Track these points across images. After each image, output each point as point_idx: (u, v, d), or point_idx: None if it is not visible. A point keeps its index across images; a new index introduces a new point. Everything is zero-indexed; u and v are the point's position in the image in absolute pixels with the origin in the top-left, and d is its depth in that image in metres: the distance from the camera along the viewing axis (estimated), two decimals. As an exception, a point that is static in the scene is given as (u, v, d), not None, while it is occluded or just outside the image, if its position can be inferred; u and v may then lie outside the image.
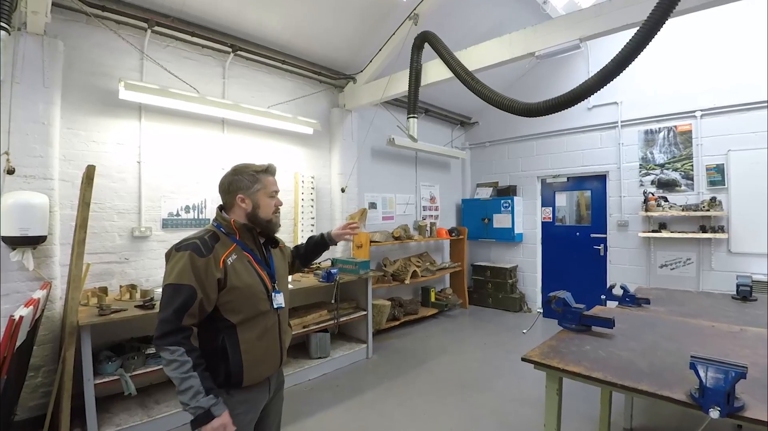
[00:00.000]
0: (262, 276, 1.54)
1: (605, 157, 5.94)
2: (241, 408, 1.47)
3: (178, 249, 1.43)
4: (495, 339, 5.14)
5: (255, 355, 1.47)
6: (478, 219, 6.93)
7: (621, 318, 2.51)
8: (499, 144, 7.06)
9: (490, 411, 3.33)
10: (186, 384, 1.31)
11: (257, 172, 1.58)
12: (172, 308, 1.34)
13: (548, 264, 6.66)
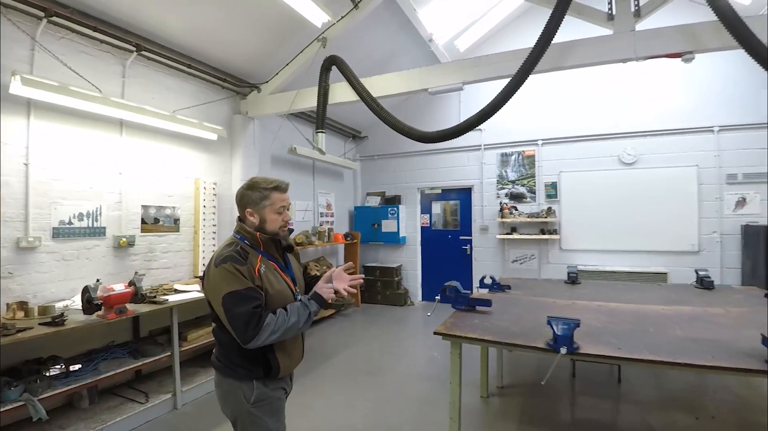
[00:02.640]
0: (287, 282, 1.72)
1: (471, 173, 7.17)
2: (276, 393, 1.71)
3: (217, 264, 1.56)
4: (388, 330, 5.83)
5: (286, 351, 1.71)
6: (368, 224, 7.60)
7: (494, 300, 3.32)
8: (386, 158, 7.87)
9: (396, 390, 3.91)
10: (295, 317, 1.57)
11: (267, 188, 1.68)
12: (250, 307, 1.50)
13: (426, 262, 7.68)
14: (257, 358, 1.63)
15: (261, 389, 1.65)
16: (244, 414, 1.65)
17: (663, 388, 3.84)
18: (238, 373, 1.64)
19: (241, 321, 1.49)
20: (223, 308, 1.52)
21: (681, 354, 2.08)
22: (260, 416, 1.65)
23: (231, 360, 1.65)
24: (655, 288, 4.13)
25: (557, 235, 6.45)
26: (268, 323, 1.52)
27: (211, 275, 1.59)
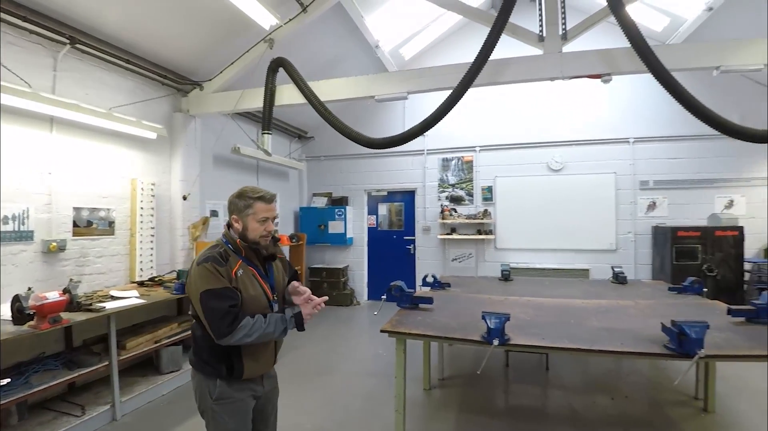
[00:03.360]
0: (264, 289, 1.79)
1: (415, 177, 7.45)
2: (242, 394, 1.75)
3: (199, 263, 1.67)
4: (334, 331, 5.92)
5: (253, 355, 1.75)
6: (314, 225, 7.62)
7: (435, 297, 3.53)
8: (333, 159, 7.93)
9: (343, 388, 4.02)
10: (271, 328, 1.66)
11: (252, 198, 1.76)
12: (225, 305, 1.58)
13: (373, 262, 7.85)
14: (222, 358, 1.70)
15: (224, 388, 1.72)
16: (208, 409, 1.74)
17: (585, 373, 4.29)
18: (206, 370, 1.73)
19: (217, 317, 1.58)
20: (201, 304, 1.61)
21: (597, 343, 2.39)
22: (221, 414, 1.72)
23: (201, 357, 1.74)
24: (577, 284, 4.59)
25: (492, 235, 6.90)
26: (244, 325, 1.60)
27: (193, 273, 1.69)
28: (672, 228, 5.89)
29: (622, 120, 6.55)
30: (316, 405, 3.68)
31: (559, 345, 2.36)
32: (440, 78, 4.13)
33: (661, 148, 6.43)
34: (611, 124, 6.61)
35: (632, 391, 3.84)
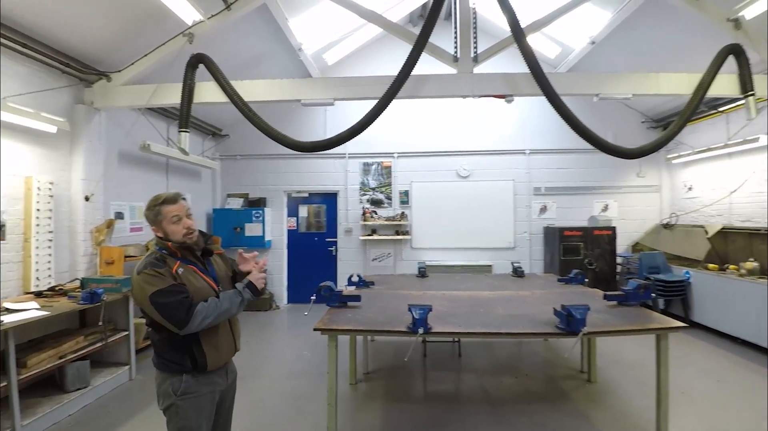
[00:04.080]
0: (208, 282, 1.87)
1: (337, 179, 7.62)
2: (206, 389, 1.81)
3: (139, 272, 1.72)
4: (254, 335, 5.83)
5: (214, 344, 1.81)
6: (230, 228, 7.37)
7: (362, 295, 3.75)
8: (250, 159, 7.74)
9: (270, 390, 4.03)
10: (227, 304, 1.77)
11: (157, 205, 1.82)
12: (177, 298, 1.63)
13: (293, 265, 7.82)
14: (185, 352, 1.75)
15: (189, 382, 1.76)
16: (171, 405, 1.77)
17: (493, 358, 4.82)
18: (171, 368, 1.77)
19: (173, 310, 1.66)
20: (153, 306, 1.65)
21: (503, 327, 2.80)
22: (185, 408, 1.76)
23: (164, 357, 1.78)
24: (483, 278, 5.15)
25: (409, 236, 7.35)
26: (200, 310, 1.68)
27: (135, 282, 1.75)
28: (559, 228, 6.83)
29: (520, 134, 7.43)
30: (242, 410, 3.64)
31: (473, 330, 2.71)
32: (365, 88, 4.36)
33: (551, 159, 7.41)
34: (511, 138, 7.46)
35: (532, 370, 4.44)
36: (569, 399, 3.73)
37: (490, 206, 7.40)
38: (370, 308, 3.41)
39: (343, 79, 4.53)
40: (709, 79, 4.25)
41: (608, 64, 6.58)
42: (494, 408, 3.56)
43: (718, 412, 3.45)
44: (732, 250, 5.90)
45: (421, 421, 3.37)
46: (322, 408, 3.03)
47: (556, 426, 3.22)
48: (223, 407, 2.00)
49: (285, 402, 3.76)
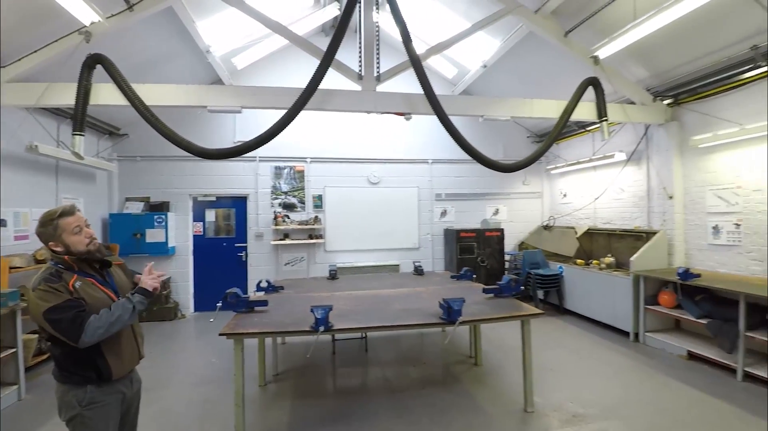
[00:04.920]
0: (108, 294, 1.89)
1: (246, 183, 7.55)
2: (111, 398, 1.82)
3: (34, 289, 1.73)
4: (159, 346, 5.60)
5: (117, 353, 1.83)
6: (129, 234, 6.93)
7: (270, 300, 3.91)
8: (152, 160, 7.34)
9: (178, 398, 3.98)
10: (119, 310, 1.79)
11: (54, 219, 1.82)
12: (70, 314, 1.64)
13: (200, 272, 7.56)
14: (88, 364, 1.78)
15: (94, 393, 1.80)
16: (77, 416, 1.78)
17: (397, 350, 5.23)
18: (73, 380, 1.79)
19: (67, 325, 1.68)
20: (48, 322, 1.67)
21: (396, 320, 3.17)
22: (90, 418, 1.79)
23: (66, 369, 1.79)
24: (388, 277, 5.56)
25: (322, 239, 7.57)
26: (91, 322, 1.71)
27: (31, 299, 1.73)
28: (457, 230, 7.57)
29: (424, 145, 8.06)
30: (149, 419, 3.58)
31: (370, 325, 3.04)
32: (274, 98, 4.51)
33: (450, 168, 8.15)
34: (416, 148, 8.07)
35: (430, 359, 4.92)
36: (458, 381, 4.25)
37: (397, 210, 7.93)
38: (277, 312, 3.58)
39: (251, 88, 4.61)
40: (572, 106, 5.11)
41: (498, 85, 7.45)
42: (394, 395, 3.94)
43: (578, 383, 4.18)
44: (595, 248, 7.03)
45: (328, 414, 3.62)
46: (230, 411, 3.13)
47: (445, 405, 3.69)
48: (128, 416, 2.05)
49: (193, 409, 3.77)
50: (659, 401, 3.76)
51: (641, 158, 6.27)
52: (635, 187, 6.40)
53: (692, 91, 5.33)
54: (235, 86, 4.56)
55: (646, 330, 5.33)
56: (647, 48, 5.08)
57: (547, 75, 6.50)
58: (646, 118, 5.64)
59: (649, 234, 5.77)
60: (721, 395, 3.81)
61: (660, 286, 5.30)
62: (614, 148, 6.60)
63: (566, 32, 5.22)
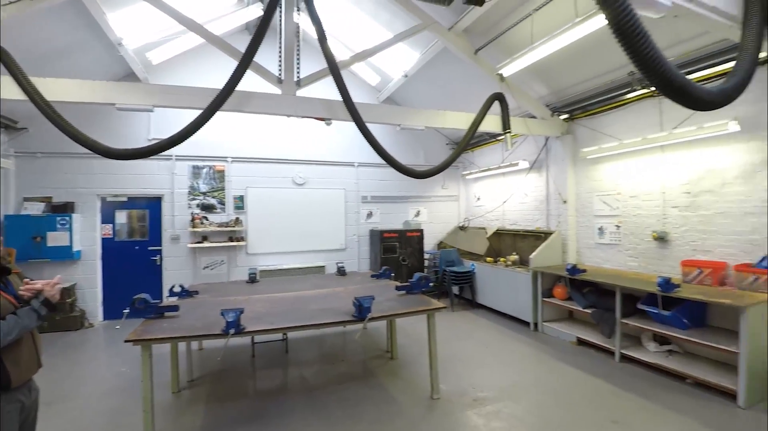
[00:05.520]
0: (10, 300, 1.88)
1: (162, 182, 7.21)
2: (10, 406, 1.79)
3: None
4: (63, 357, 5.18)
5: (16, 360, 1.79)
6: (27, 237, 6.31)
7: (183, 305, 3.85)
8: (55, 157, 6.74)
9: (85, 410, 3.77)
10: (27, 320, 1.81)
11: None
12: None
13: (109, 277, 7.06)
14: None
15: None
16: None
17: (317, 350, 5.34)
18: None
19: None
20: None
21: (309, 320, 3.30)
22: None
23: None
24: (311, 279, 5.67)
25: (244, 242, 7.45)
26: (1, 326, 1.72)
27: None
28: (381, 231, 7.87)
29: (350, 148, 8.23)
30: None
31: (282, 326, 3.15)
32: (189, 98, 4.41)
33: (376, 171, 8.42)
34: (342, 151, 8.22)
35: (349, 356, 5.11)
36: (374, 375, 4.48)
37: (324, 212, 8.03)
38: (189, 316, 3.55)
39: (164, 86, 4.45)
40: (480, 119, 5.57)
41: (418, 94, 7.86)
42: (311, 393, 4.06)
43: (482, 370, 4.60)
44: (503, 246, 7.68)
45: (243, 415, 3.65)
46: (140, 419, 3.06)
47: (358, 399, 3.89)
48: (26, 425, 2.02)
49: (101, 419, 3.60)
50: (549, 382, 4.27)
51: (542, 166, 6.98)
52: (537, 192, 7.11)
53: (584, 108, 6.06)
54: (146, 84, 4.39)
55: (544, 320, 5.97)
56: (547, 68, 5.70)
57: (461, 88, 6.99)
58: (545, 131, 6.31)
59: (547, 235, 6.45)
60: (601, 375, 4.42)
61: (554, 281, 5.97)
62: (519, 156, 7.28)
63: (476, 50, 5.68)
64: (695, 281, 4.50)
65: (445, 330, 6.11)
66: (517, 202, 7.62)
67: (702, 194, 4.67)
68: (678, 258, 4.82)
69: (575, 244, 6.33)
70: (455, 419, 3.52)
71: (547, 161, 6.86)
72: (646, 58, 1.83)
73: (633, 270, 5.42)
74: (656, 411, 3.60)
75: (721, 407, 3.62)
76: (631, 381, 4.24)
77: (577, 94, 6.00)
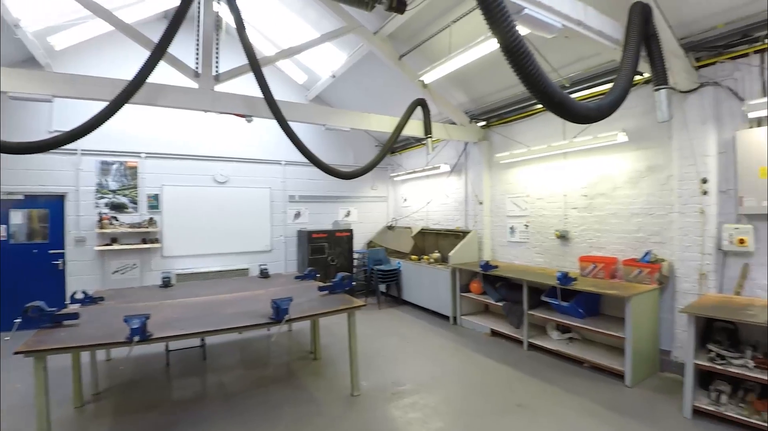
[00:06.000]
0: None
1: (64, 179, 6.55)
2: None
3: None
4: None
5: None
6: None
7: (84, 312, 3.57)
8: (-76, 149, 5.86)
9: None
10: None
11: None
12: None
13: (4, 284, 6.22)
14: None
15: None
16: None
17: (238, 356, 5.19)
18: None
19: None
20: None
21: (221, 324, 3.22)
22: None
23: None
24: (231, 282, 5.48)
25: (159, 244, 6.99)
26: None
27: None
28: (309, 231, 7.80)
29: (277, 145, 8.02)
30: None
31: (191, 331, 3.04)
32: (94, 88, 4.08)
33: (304, 170, 8.32)
34: (268, 148, 8.01)
35: (273, 359, 5.03)
36: (296, 376, 4.47)
37: (248, 212, 7.78)
38: (91, 325, 3.30)
39: (66, 75, 4.06)
40: (403, 123, 5.76)
41: (346, 95, 7.93)
42: (229, 399, 3.95)
43: (402, 364, 4.76)
44: (427, 245, 7.99)
45: (154, 427, 3.46)
46: (34, 436, 2.79)
47: (278, 401, 3.86)
48: None
49: (-25, 446, 3.22)
50: (462, 372, 4.55)
51: (461, 170, 7.38)
52: (457, 193, 7.51)
53: (499, 116, 6.50)
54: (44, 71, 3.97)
55: (462, 314, 6.32)
56: (466, 77, 6.03)
57: (387, 91, 7.17)
58: (464, 136, 6.67)
59: (465, 233, 6.83)
60: (510, 363, 4.78)
61: (471, 276, 6.34)
62: (441, 160, 7.63)
63: (400, 56, 5.87)
64: (590, 275, 5.03)
65: (370, 327, 6.24)
66: (439, 203, 7.97)
67: (597, 197, 5.24)
68: (577, 255, 5.36)
69: (490, 242, 6.78)
70: (374, 414, 3.63)
71: (466, 165, 7.26)
72: (530, 76, 2.05)
73: (539, 266, 5.93)
74: (556, 393, 3.99)
75: (612, 387, 4.09)
76: (537, 367, 4.64)
77: (494, 103, 6.43)
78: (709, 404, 3.36)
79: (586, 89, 5.08)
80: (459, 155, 7.37)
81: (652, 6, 3.39)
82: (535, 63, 2.05)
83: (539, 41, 4.36)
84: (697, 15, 3.80)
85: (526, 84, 2.11)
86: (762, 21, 3.55)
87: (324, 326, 5.76)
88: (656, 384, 4.14)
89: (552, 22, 2.74)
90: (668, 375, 4.27)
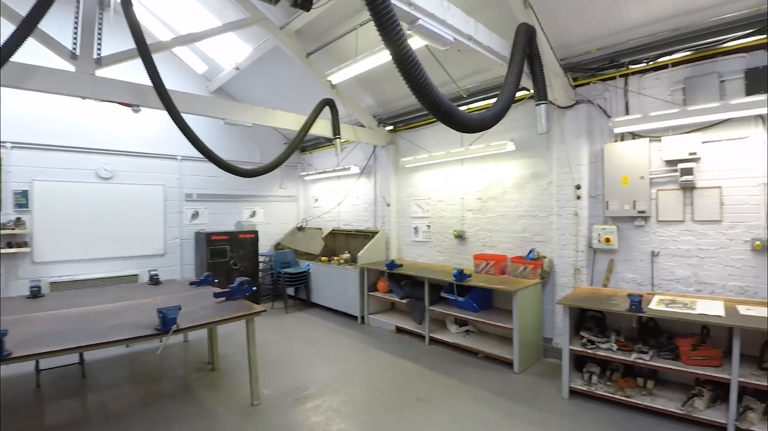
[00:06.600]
0: None
1: None
2: None
3: None
4: None
5: None
6: None
7: None
8: None
9: None
10: None
11: None
12: None
13: None
14: None
15: None
16: None
17: (124, 371, 4.70)
18: None
19: None
20: None
21: (101, 338, 2.89)
22: None
23: None
24: (115, 290, 4.94)
25: (28, 248, 6.03)
26: None
27: None
28: (207, 233, 7.28)
29: (171, 138, 7.24)
30: None
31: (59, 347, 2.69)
32: None
33: (203, 167, 7.72)
34: (161, 141, 7.28)
35: (165, 373, 4.63)
36: (190, 389, 4.17)
37: (138, 211, 7.04)
38: None
39: None
40: (310, 122, 5.69)
41: (252, 90, 7.59)
42: (110, 419, 3.55)
43: (307, 368, 4.70)
44: (337, 246, 7.99)
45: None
46: None
47: (168, 418, 3.57)
48: None
49: None
50: (367, 371, 4.63)
51: (371, 172, 7.51)
52: (366, 195, 7.62)
53: (405, 122, 6.73)
54: None
55: (370, 313, 6.44)
56: (374, 81, 6.13)
57: (295, 89, 7.01)
58: (372, 139, 6.80)
59: (374, 234, 6.97)
60: (412, 358, 4.97)
61: (378, 275, 6.49)
62: (351, 162, 7.70)
63: (308, 53, 5.79)
64: (483, 271, 5.44)
65: (275, 332, 6.07)
66: (350, 203, 8.02)
67: (489, 200, 5.69)
68: (472, 253, 5.76)
69: (396, 242, 7.00)
70: (274, 422, 3.53)
71: (375, 167, 7.40)
72: (419, 86, 2.15)
73: (440, 264, 6.27)
74: (452, 384, 4.24)
75: (502, 374, 4.46)
76: (436, 360, 4.90)
77: (400, 108, 6.63)
78: (582, 385, 3.83)
79: (482, 100, 5.48)
80: (368, 157, 7.49)
81: (536, 28, 3.77)
82: (423, 74, 2.16)
83: (441, 53, 4.60)
84: (575, 39, 4.31)
85: (415, 93, 2.21)
86: (626, 50, 4.15)
87: (224, 335, 5.47)
88: (540, 369, 4.61)
89: (444, 34, 2.91)
90: (551, 361, 4.78)
